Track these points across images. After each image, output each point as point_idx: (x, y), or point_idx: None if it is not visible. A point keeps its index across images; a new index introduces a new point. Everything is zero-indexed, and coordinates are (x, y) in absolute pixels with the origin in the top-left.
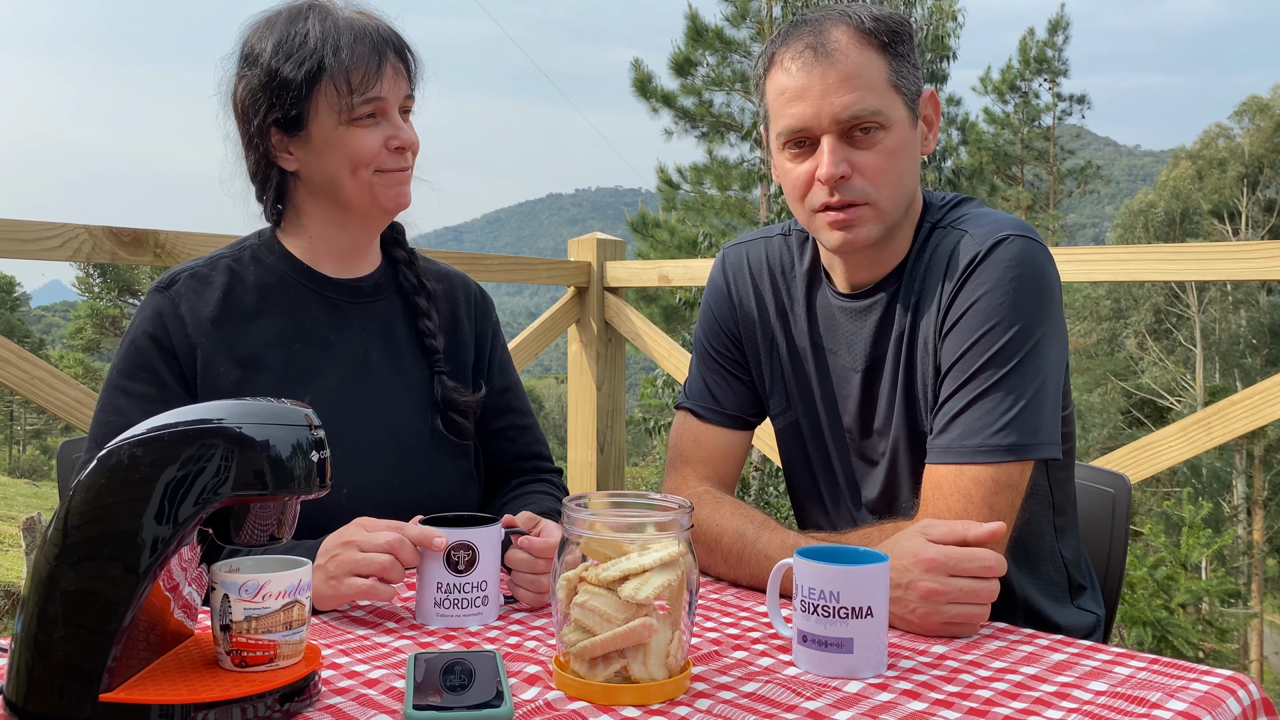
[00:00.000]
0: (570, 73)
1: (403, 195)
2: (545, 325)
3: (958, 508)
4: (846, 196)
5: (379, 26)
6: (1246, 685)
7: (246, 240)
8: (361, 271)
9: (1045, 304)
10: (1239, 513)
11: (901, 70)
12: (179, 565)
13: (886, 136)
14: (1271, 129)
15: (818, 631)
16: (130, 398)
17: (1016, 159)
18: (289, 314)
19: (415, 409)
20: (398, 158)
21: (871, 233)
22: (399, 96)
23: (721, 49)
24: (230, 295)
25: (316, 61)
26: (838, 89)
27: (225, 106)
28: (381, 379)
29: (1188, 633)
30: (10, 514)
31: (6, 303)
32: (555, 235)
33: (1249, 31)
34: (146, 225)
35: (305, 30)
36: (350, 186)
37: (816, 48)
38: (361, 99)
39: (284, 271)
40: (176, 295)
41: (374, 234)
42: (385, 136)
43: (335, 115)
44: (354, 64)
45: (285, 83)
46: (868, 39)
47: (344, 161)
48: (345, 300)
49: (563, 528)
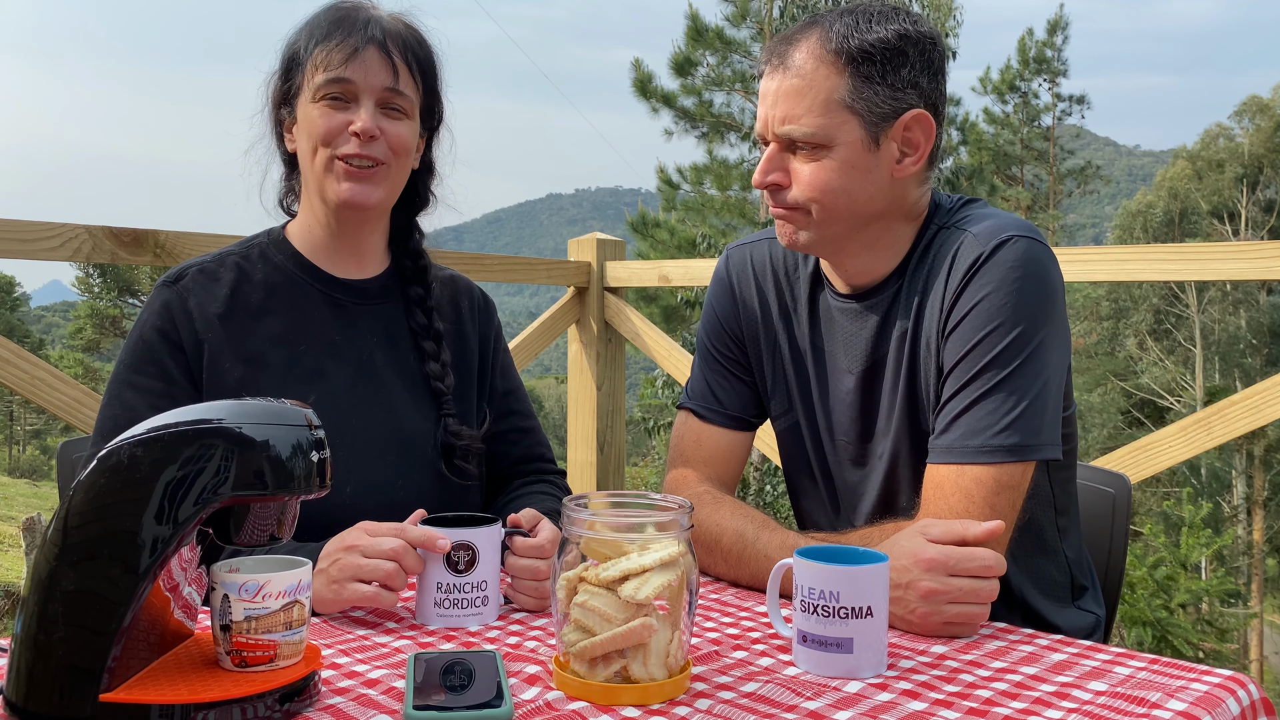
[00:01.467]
0: (570, 73)
1: (359, 193)
2: (545, 325)
3: (959, 507)
4: (779, 203)
5: (380, 21)
6: (1246, 685)
7: (256, 238)
8: (367, 272)
9: (1048, 305)
10: (1239, 513)
11: (864, 91)
12: (179, 565)
13: (827, 155)
14: (1272, 129)
15: (818, 631)
16: (137, 392)
17: (1016, 159)
18: (295, 313)
19: (419, 411)
20: (358, 145)
21: (808, 239)
22: (374, 85)
23: (722, 49)
24: (238, 292)
25: (303, 43)
26: (781, 102)
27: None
28: (386, 380)
29: (1188, 633)
30: (10, 514)
31: (6, 303)
32: (555, 235)
33: (1249, 32)
34: (146, 225)
35: (315, 17)
36: (310, 170)
37: (777, 59)
38: (325, 77)
39: (291, 270)
40: (184, 290)
41: (364, 233)
42: (347, 120)
43: (309, 94)
44: (328, 45)
45: (284, 61)
46: (831, 58)
47: (308, 139)
48: (352, 301)
49: (562, 528)
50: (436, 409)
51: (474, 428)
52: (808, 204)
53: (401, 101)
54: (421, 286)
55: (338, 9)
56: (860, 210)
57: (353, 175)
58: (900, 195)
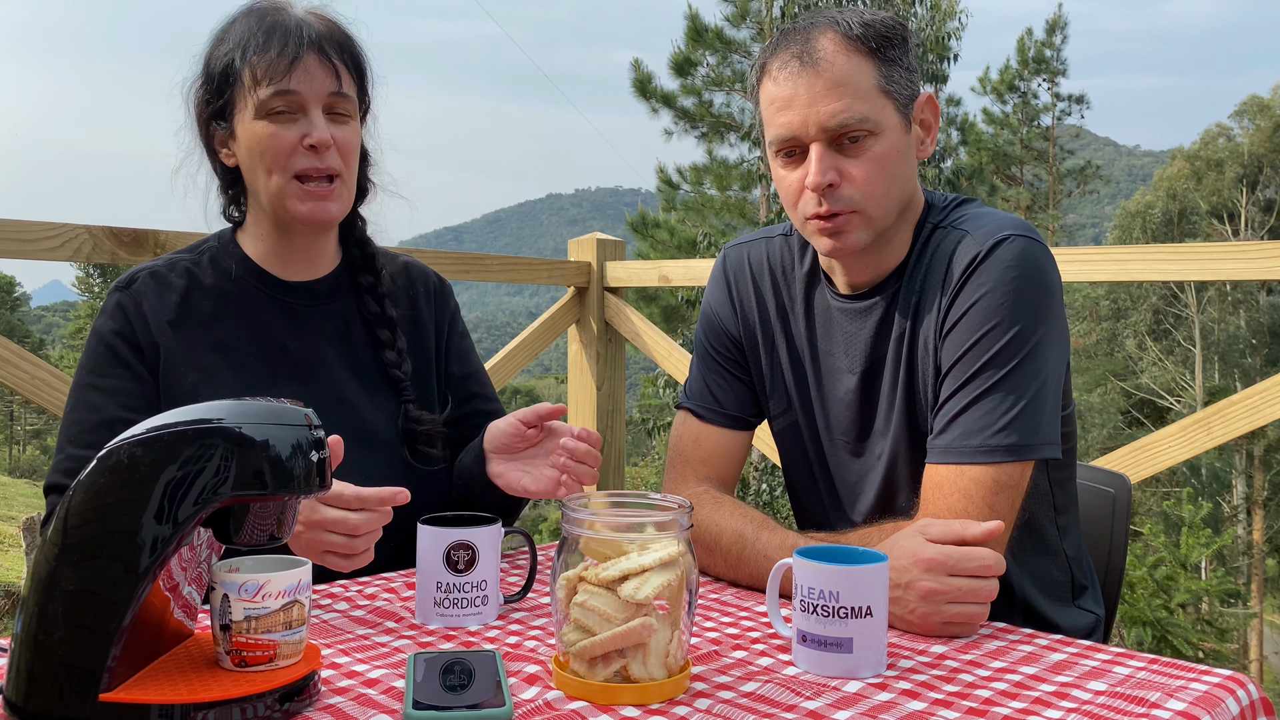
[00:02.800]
0: (571, 73)
1: (320, 210)
2: (545, 325)
3: (958, 507)
4: (834, 205)
5: (310, 24)
6: (1246, 685)
7: (207, 242)
8: (318, 273)
9: (1046, 304)
10: (1239, 513)
11: (892, 75)
12: (179, 565)
13: (876, 143)
14: (1271, 129)
15: (817, 631)
16: (104, 393)
17: (1016, 159)
18: (245, 320)
19: (376, 404)
20: (313, 158)
21: (860, 239)
22: (319, 93)
23: (721, 49)
24: (188, 299)
25: (236, 54)
26: (824, 97)
27: (187, 103)
28: (339, 380)
29: (1187, 633)
30: (10, 514)
31: (6, 303)
32: (555, 235)
33: (1250, 33)
34: (146, 225)
35: (234, 25)
36: (266, 191)
37: (803, 56)
38: (270, 91)
39: (240, 276)
40: (137, 294)
41: (318, 240)
42: (300, 134)
43: (250, 109)
44: (265, 56)
45: (211, 76)
46: (855, 45)
47: (259, 159)
48: (302, 304)
49: (562, 528)
50: (396, 397)
51: (435, 412)
52: (864, 199)
53: (346, 105)
54: (371, 274)
55: (260, 15)
56: (902, 198)
57: (312, 195)
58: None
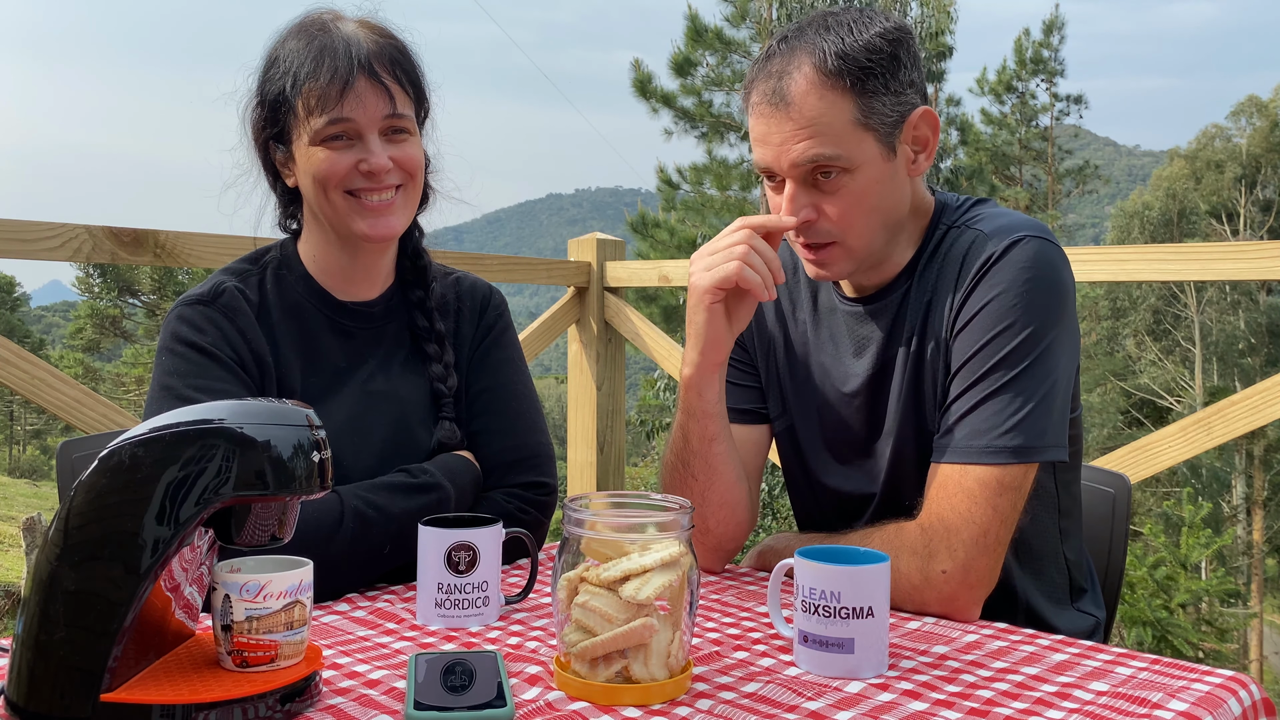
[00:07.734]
0: (571, 74)
1: (378, 225)
2: (545, 325)
3: (961, 506)
4: (812, 239)
5: (359, 42)
6: (1248, 685)
7: (270, 251)
8: (376, 290)
9: (1059, 306)
10: (1239, 513)
11: (872, 106)
12: (180, 565)
13: (851, 180)
14: (1269, 129)
15: (819, 632)
16: (211, 394)
17: (1014, 159)
18: (306, 341)
19: (422, 423)
20: (370, 180)
21: (844, 268)
22: (374, 118)
23: (721, 49)
24: (263, 319)
25: (287, 82)
26: (793, 137)
27: (244, 123)
28: (387, 403)
29: (1188, 633)
30: (10, 514)
31: (6, 303)
32: (555, 235)
33: (1250, 35)
34: (146, 225)
35: (284, 45)
36: (325, 208)
37: (773, 98)
38: (324, 120)
39: (301, 295)
40: (228, 308)
41: (380, 258)
42: (356, 160)
43: (306, 138)
44: (316, 84)
45: (265, 101)
46: (830, 82)
47: (316, 182)
48: (357, 326)
49: (563, 528)
50: (437, 412)
51: (462, 430)
52: (842, 234)
53: (404, 123)
54: (422, 288)
55: (310, 35)
56: (890, 222)
57: (372, 210)
58: (913, 193)
